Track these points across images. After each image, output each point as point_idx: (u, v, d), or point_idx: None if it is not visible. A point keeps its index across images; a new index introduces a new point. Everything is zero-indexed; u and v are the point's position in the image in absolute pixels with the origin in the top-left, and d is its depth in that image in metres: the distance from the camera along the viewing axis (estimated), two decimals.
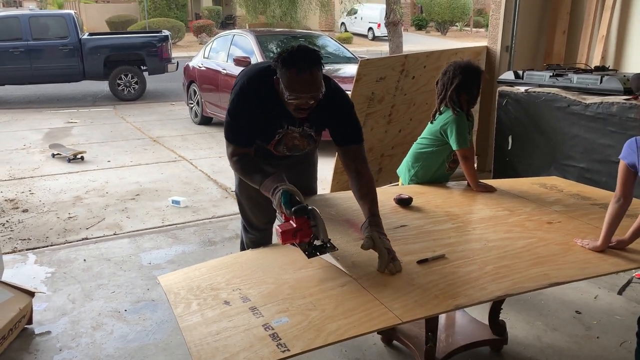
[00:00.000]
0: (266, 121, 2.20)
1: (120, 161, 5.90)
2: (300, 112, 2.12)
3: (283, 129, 2.23)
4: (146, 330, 2.59)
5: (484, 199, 2.60)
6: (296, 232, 1.89)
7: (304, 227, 1.89)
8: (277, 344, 1.53)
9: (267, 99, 2.15)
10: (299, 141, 2.31)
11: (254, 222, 2.50)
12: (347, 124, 2.27)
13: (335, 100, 2.22)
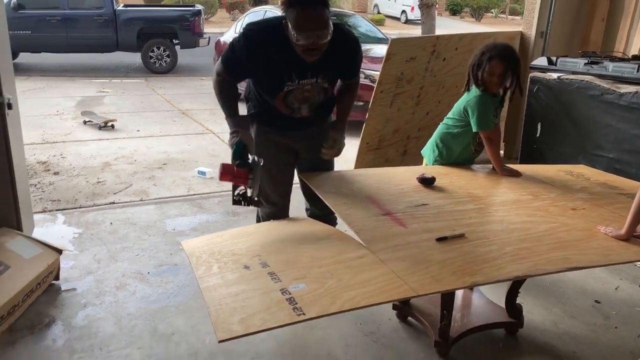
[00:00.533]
0: (273, 71, 2.19)
1: (150, 131, 6.00)
2: (310, 54, 2.11)
3: (293, 83, 2.22)
4: (167, 292, 2.67)
5: (508, 182, 2.58)
6: (234, 177, 2.13)
7: (242, 176, 2.13)
8: (293, 307, 1.56)
9: (273, 52, 2.15)
10: (310, 93, 2.30)
11: (269, 196, 2.53)
12: (356, 64, 2.40)
13: (350, 46, 2.30)
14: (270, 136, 2.43)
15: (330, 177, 2.59)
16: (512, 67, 2.54)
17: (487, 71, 2.52)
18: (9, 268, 2.45)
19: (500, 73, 2.52)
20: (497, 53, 2.52)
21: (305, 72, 2.21)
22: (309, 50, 2.10)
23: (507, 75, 2.54)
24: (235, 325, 1.48)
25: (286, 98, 2.28)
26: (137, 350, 2.22)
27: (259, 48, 2.16)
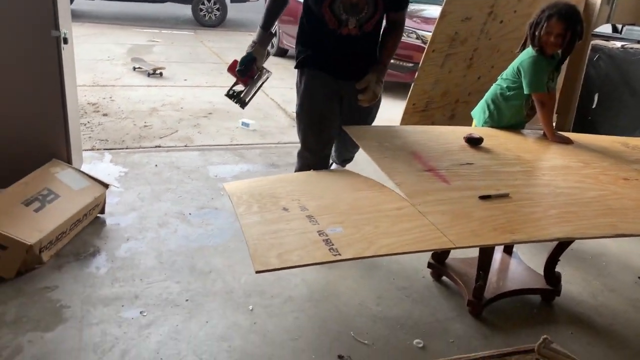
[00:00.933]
0: None
1: (196, 81, 6.05)
2: None
3: None
4: (207, 233, 2.73)
5: (559, 149, 2.49)
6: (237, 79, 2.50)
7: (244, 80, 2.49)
8: (329, 248, 1.57)
9: None
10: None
11: (310, 144, 2.54)
12: None
13: None
14: (316, 81, 2.44)
15: (374, 131, 2.56)
16: (572, 28, 2.42)
17: (545, 30, 2.41)
18: (58, 197, 2.55)
19: (558, 33, 2.40)
20: (557, 11, 2.40)
21: None
22: None
23: (565, 36, 2.42)
24: (273, 259, 1.51)
25: (333, 4, 2.30)
26: (175, 284, 2.30)
27: None
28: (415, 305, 2.30)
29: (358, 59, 2.47)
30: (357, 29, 2.36)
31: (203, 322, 2.07)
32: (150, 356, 1.88)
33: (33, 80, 2.72)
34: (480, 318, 2.24)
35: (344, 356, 1.95)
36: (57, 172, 2.71)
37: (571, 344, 2.12)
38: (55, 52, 2.70)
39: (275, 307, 2.20)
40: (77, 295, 2.17)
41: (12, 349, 1.86)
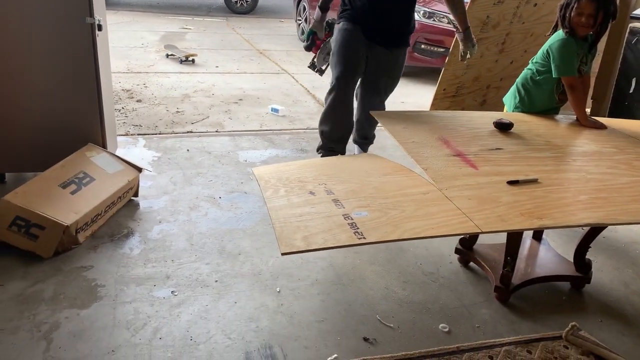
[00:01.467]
0: None
1: (228, 68, 6.11)
2: None
3: None
4: (237, 217, 2.78)
5: (591, 134, 2.44)
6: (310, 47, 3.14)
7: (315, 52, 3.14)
8: (354, 231, 1.59)
9: None
10: None
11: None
12: None
13: None
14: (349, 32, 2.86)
15: (402, 115, 2.56)
16: (604, 8, 2.35)
17: (575, 11, 2.37)
18: (93, 180, 2.63)
19: (589, 13, 2.35)
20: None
21: None
22: None
23: (597, 16, 2.36)
24: (298, 241, 1.53)
25: None
26: (205, 265, 2.35)
27: None
28: (442, 290, 2.30)
29: (393, 22, 2.84)
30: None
31: (231, 303, 2.12)
32: (180, 334, 1.94)
33: (68, 66, 2.79)
34: (508, 304, 2.23)
35: (369, 339, 1.98)
36: (93, 156, 2.79)
37: (600, 332, 2.10)
38: (89, 39, 2.77)
39: (302, 289, 2.24)
40: (111, 275, 2.25)
41: (50, 324, 1.94)
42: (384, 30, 2.82)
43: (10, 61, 2.72)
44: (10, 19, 2.64)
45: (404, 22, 2.87)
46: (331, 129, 3.03)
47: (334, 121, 3.02)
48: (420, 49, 5.78)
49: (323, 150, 3.13)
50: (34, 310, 2.01)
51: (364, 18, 2.83)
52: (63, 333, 1.91)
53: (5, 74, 2.73)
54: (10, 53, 2.70)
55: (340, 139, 3.08)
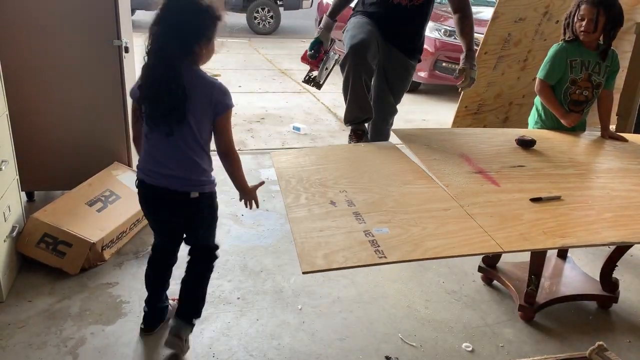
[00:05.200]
0: None
1: (250, 87, 6.20)
2: None
3: None
4: (259, 234, 2.80)
5: (616, 151, 2.41)
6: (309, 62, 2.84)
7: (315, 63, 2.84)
8: (375, 249, 1.58)
9: None
10: None
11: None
12: None
13: None
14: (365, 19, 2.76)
15: (423, 133, 2.56)
16: (605, 13, 2.35)
17: (577, 17, 2.41)
18: (119, 198, 2.69)
19: (589, 18, 2.37)
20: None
21: None
22: None
23: (597, 20, 2.36)
24: (319, 260, 1.53)
25: None
26: (227, 282, 2.38)
27: None
28: (465, 309, 2.28)
29: (404, 31, 2.80)
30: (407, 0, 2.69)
31: (253, 320, 2.13)
32: (203, 351, 1.95)
33: (96, 87, 2.88)
34: (532, 323, 2.20)
35: (392, 357, 1.97)
36: (119, 174, 2.85)
37: (628, 352, 2.05)
38: (117, 60, 2.85)
39: (323, 307, 2.24)
40: (136, 292, 2.28)
41: (76, 340, 1.98)
42: (398, 34, 2.79)
43: (39, 82, 2.81)
44: (41, 41, 2.74)
45: (416, 37, 2.87)
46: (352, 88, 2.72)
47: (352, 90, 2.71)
48: (441, 67, 5.79)
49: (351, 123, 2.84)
50: (61, 326, 2.05)
51: (379, 19, 2.76)
52: (89, 349, 1.94)
53: (34, 94, 2.82)
54: (39, 74, 2.80)
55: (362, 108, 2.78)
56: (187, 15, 1.73)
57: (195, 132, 1.77)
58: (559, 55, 2.47)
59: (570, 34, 2.47)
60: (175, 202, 1.87)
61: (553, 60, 2.48)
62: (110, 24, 2.79)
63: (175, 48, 1.71)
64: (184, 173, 1.82)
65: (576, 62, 2.47)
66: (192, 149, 1.80)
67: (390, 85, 2.93)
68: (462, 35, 2.77)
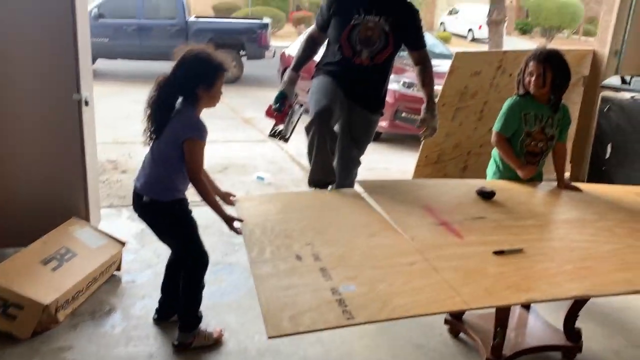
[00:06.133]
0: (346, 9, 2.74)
1: (213, 136, 6.05)
2: None
3: (360, 16, 2.71)
4: (221, 290, 2.73)
5: (572, 201, 2.48)
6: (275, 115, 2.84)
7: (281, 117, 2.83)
8: (342, 310, 1.56)
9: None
10: (372, 32, 2.72)
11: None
12: (417, 31, 2.86)
13: (410, 8, 2.83)
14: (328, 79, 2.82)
15: (386, 184, 2.59)
16: (551, 69, 2.49)
17: (526, 73, 2.55)
18: (75, 255, 2.59)
19: (538, 74, 2.51)
20: (534, 54, 2.54)
21: (371, 9, 2.71)
22: None
23: (545, 76, 2.50)
24: (285, 322, 1.49)
25: (351, 35, 2.74)
26: None
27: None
28: None
29: (367, 88, 2.86)
30: (369, 59, 2.77)
31: None
32: None
33: (54, 141, 2.82)
34: None
35: None
36: (76, 230, 2.76)
37: None
38: (76, 115, 2.81)
39: None
40: (92, 356, 2.17)
41: None
42: (360, 92, 2.86)
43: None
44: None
45: (378, 94, 2.94)
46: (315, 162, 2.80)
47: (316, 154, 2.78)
48: (401, 117, 5.98)
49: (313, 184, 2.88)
50: None
51: (342, 79, 2.83)
52: None
53: None
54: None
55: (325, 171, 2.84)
56: (196, 63, 2.11)
57: (163, 149, 2.13)
58: (513, 109, 2.57)
59: (522, 88, 2.58)
60: (136, 204, 2.24)
61: (507, 114, 2.58)
62: (71, 78, 2.76)
63: (177, 85, 2.11)
64: (146, 178, 2.18)
65: (529, 115, 2.57)
66: (159, 161, 2.16)
67: (355, 140, 2.99)
68: (423, 86, 2.87)
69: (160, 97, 2.12)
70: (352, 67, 2.78)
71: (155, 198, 2.19)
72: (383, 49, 2.77)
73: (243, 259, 2.99)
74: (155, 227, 2.32)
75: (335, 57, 2.82)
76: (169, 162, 2.14)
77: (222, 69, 2.14)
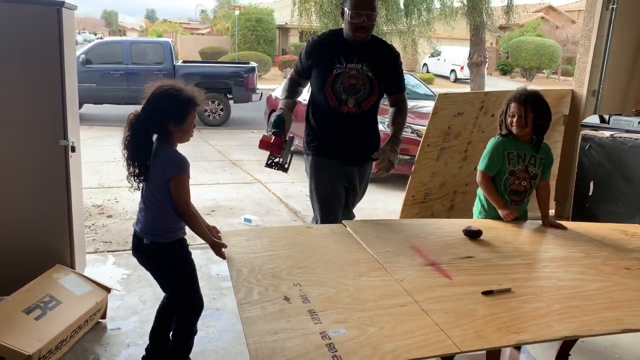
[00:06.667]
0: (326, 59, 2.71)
1: (200, 179, 6.18)
2: (360, 32, 2.65)
3: (342, 65, 2.69)
4: (209, 336, 2.68)
5: (558, 239, 2.51)
6: (269, 146, 2.64)
7: (276, 145, 2.63)
8: (333, 355, 1.54)
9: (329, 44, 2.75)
10: (355, 80, 2.70)
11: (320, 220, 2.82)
12: (398, 76, 2.87)
13: (391, 52, 2.83)
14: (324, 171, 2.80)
15: (374, 225, 2.59)
16: (532, 109, 2.57)
17: (508, 114, 2.63)
18: (60, 303, 2.54)
19: (519, 115, 2.58)
20: (514, 96, 2.62)
21: (352, 57, 2.69)
22: (360, 27, 2.64)
23: (526, 116, 2.57)
24: None
25: (334, 84, 2.69)
26: None
27: (317, 45, 2.78)
28: None
29: (358, 139, 2.81)
30: (355, 107, 2.74)
31: None
32: None
33: (40, 187, 2.80)
34: None
35: None
36: (60, 277, 2.71)
37: None
38: (62, 160, 2.81)
39: None
40: None
41: None
42: (352, 151, 2.81)
43: None
44: None
45: (370, 139, 2.90)
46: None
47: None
48: None
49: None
50: None
51: (332, 146, 2.78)
52: None
53: None
54: None
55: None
56: (166, 98, 2.12)
57: (154, 190, 2.15)
58: (497, 148, 2.63)
59: (505, 129, 2.64)
60: (136, 248, 2.26)
61: (492, 153, 2.63)
62: (57, 124, 2.77)
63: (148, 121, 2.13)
64: (144, 221, 2.19)
65: (513, 155, 2.62)
66: (150, 204, 2.17)
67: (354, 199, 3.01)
68: (393, 124, 2.86)
69: (134, 136, 2.12)
70: (340, 117, 2.74)
71: (155, 240, 2.19)
72: (369, 96, 2.75)
73: (231, 304, 2.96)
74: (155, 270, 2.31)
75: (322, 111, 2.79)
76: (161, 204, 2.15)
77: (192, 104, 2.15)
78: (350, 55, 2.69)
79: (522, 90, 2.66)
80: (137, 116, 2.14)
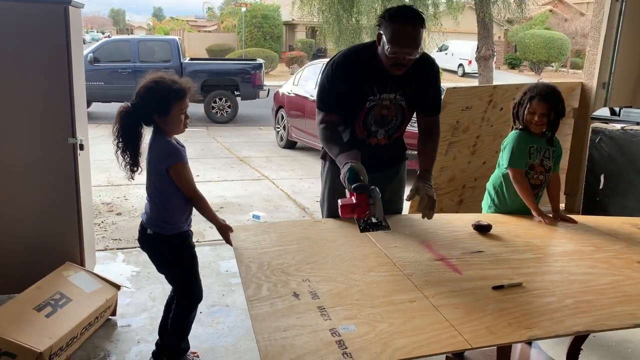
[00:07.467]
0: (358, 89, 2.27)
1: (209, 176, 6.20)
2: (397, 68, 2.19)
3: (375, 97, 2.28)
4: (218, 333, 2.69)
5: (568, 233, 2.48)
6: (354, 208, 2.08)
7: (362, 203, 2.07)
8: (342, 352, 1.53)
9: (359, 70, 2.26)
10: (387, 111, 2.32)
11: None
12: (436, 96, 2.46)
13: (430, 70, 2.37)
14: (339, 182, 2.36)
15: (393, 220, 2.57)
16: (554, 107, 2.51)
17: (528, 110, 2.53)
18: (70, 301, 2.55)
19: (541, 113, 2.52)
20: (537, 92, 2.53)
21: (386, 86, 2.27)
22: (398, 64, 2.18)
23: (549, 115, 2.52)
24: None
25: (366, 118, 2.32)
26: None
27: (346, 71, 2.27)
28: None
29: (384, 161, 2.46)
30: (385, 139, 2.41)
31: None
32: None
33: (49, 186, 2.81)
34: None
35: None
36: (70, 275, 2.72)
37: None
38: (71, 159, 2.82)
39: None
40: None
41: None
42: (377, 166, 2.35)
43: None
44: None
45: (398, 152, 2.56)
46: None
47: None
48: None
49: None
50: None
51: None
52: None
53: None
54: None
55: None
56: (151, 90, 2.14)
57: (153, 180, 2.24)
58: (520, 143, 2.56)
59: (521, 123, 2.59)
60: (141, 237, 2.36)
61: (516, 148, 2.56)
62: (66, 122, 2.78)
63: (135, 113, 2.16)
64: (149, 212, 2.28)
65: (533, 149, 2.59)
66: (151, 194, 2.26)
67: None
68: (423, 154, 2.43)
69: (122, 128, 2.17)
70: (367, 147, 2.36)
71: (157, 231, 2.26)
72: (400, 126, 2.42)
73: (240, 300, 2.96)
74: (156, 259, 2.38)
75: (345, 134, 2.39)
76: (162, 194, 2.22)
77: (174, 96, 2.15)
78: (384, 85, 2.28)
79: (541, 85, 2.57)
80: (125, 109, 2.18)
